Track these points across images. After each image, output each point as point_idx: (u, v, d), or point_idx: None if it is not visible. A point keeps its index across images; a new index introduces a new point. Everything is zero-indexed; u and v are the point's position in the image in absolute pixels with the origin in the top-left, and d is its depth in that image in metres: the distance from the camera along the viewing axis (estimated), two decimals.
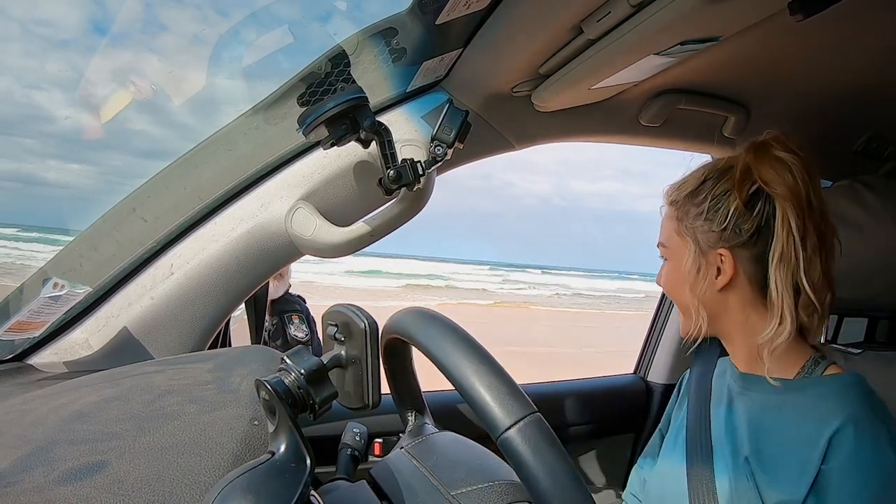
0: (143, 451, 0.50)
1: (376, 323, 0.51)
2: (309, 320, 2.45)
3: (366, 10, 0.83)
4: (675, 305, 1.51)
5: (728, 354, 0.85)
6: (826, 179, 1.25)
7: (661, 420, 0.95)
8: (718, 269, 0.74)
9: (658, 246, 0.84)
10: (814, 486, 0.64)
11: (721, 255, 0.73)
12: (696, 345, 0.82)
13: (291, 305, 2.41)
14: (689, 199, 0.76)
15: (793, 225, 0.68)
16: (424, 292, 18.33)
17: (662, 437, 0.92)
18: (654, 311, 1.63)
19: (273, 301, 2.38)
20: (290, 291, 2.45)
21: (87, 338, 0.88)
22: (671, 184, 0.82)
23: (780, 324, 0.70)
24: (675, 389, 0.95)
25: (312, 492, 0.46)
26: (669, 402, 0.95)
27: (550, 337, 9.73)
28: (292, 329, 2.39)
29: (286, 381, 0.45)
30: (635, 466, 0.95)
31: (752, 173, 0.71)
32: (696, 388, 0.85)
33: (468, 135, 0.90)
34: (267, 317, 2.26)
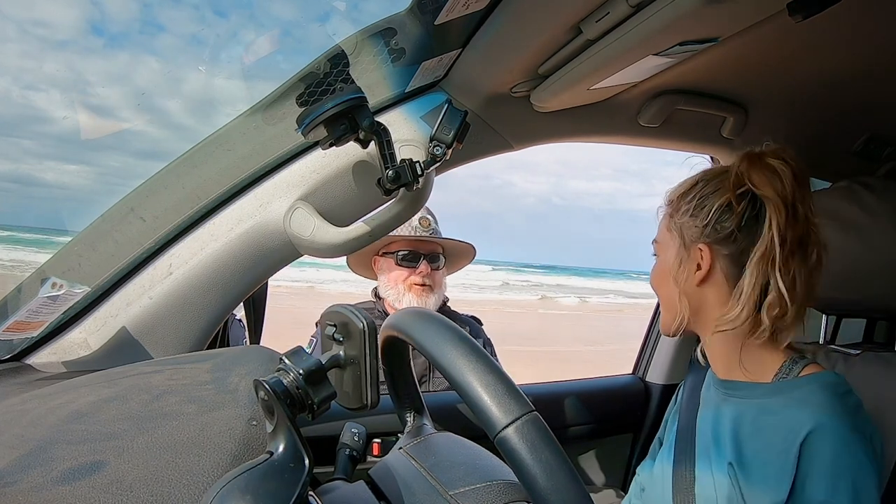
0: (142, 451, 0.50)
1: (374, 323, 0.51)
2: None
3: (365, 11, 0.83)
4: None
5: None
6: (824, 180, 1.25)
7: (661, 427, 0.96)
8: (698, 265, 0.77)
9: (652, 243, 0.87)
10: (792, 491, 0.66)
11: (701, 249, 0.77)
12: (698, 344, 0.84)
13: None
14: (681, 197, 0.81)
15: (776, 227, 0.71)
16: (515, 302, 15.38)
17: (661, 445, 0.93)
18: (652, 311, 1.63)
19: None
20: (449, 306, 1.62)
21: (86, 338, 0.88)
22: (672, 186, 0.85)
23: (735, 306, 0.73)
24: (674, 397, 0.96)
25: (311, 492, 0.46)
26: (668, 409, 0.96)
27: None
28: None
29: (285, 381, 0.45)
30: (635, 475, 0.96)
31: (744, 177, 0.74)
32: (688, 397, 0.88)
33: (467, 135, 0.90)
34: None
